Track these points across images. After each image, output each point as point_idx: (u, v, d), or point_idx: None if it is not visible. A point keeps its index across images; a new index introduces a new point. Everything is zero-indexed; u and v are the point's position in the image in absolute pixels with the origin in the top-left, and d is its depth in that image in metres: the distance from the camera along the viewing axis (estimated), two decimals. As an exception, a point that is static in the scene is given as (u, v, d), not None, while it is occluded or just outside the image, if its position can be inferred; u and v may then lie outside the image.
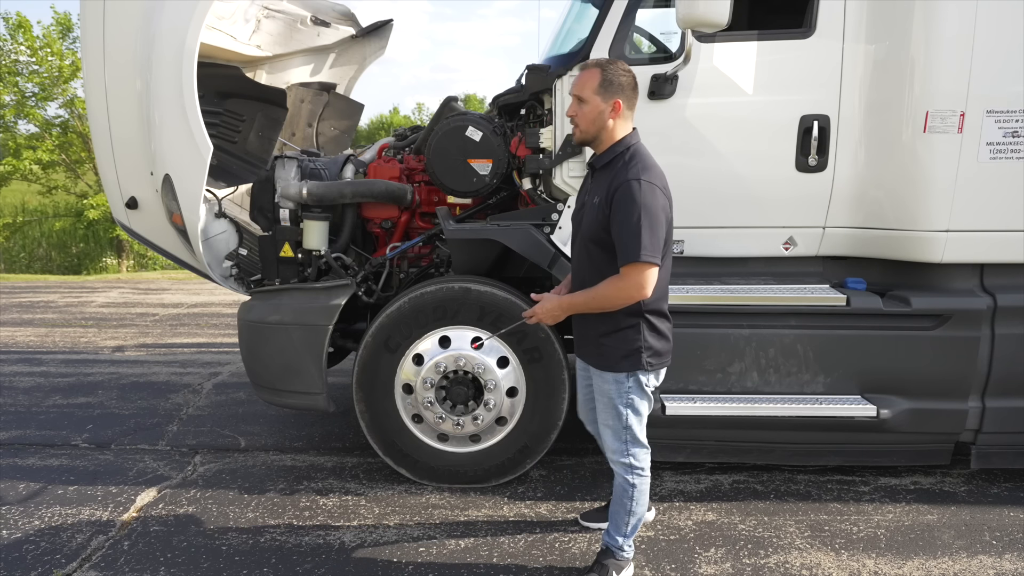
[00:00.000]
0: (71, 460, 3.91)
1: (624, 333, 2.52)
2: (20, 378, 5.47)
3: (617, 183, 2.40)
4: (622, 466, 2.68)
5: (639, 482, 2.68)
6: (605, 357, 2.57)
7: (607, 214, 2.41)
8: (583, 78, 2.48)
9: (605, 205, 2.42)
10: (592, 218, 2.49)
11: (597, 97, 2.45)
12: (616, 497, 2.74)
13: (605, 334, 2.54)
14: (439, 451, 3.53)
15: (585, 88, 2.46)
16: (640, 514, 2.73)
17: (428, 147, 3.62)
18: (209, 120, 3.59)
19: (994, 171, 3.16)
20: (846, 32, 3.19)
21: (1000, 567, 2.90)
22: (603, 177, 2.51)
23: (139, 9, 3.57)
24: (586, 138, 2.53)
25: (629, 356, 2.53)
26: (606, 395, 2.63)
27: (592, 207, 2.50)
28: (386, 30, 4.99)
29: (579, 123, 2.50)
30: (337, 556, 2.97)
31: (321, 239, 3.59)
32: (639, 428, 2.64)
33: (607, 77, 2.45)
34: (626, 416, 2.61)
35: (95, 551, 2.99)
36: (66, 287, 10.42)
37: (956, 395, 3.32)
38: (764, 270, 3.52)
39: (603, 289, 2.42)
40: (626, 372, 2.55)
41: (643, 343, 2.52)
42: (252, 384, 3.79)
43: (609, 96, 2.45)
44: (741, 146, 3.30)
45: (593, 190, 2.55)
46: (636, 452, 2.66)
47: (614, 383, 2.59)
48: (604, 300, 2.43)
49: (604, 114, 2.46)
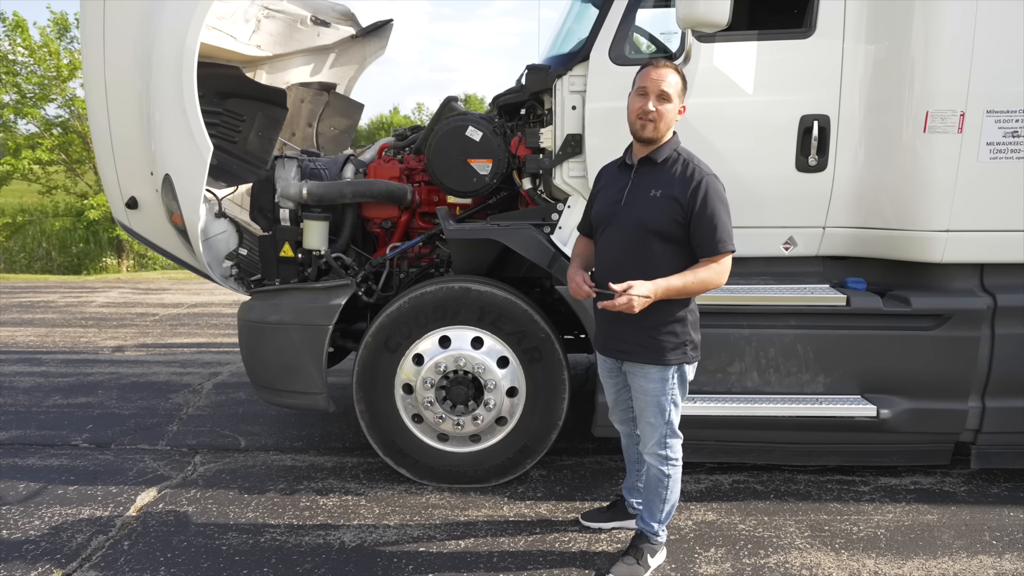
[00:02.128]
0: (71, 460, 3.91)
1: (674, 326, 2.57)
2: (20, 378, 5.47)
3: (697, 178, 2.48)
4: (658, 458, 2.72)
5: (674, 472, 2.74)
6: (654, 350, 2.58)
7: (683, 206, 2.47)
8: (669, 77, 2.50)
9: (680, 198, 2.48)
10: (658, 211, 2.51)
11: (678, 99, 2.53)
12: (650, 486, 2.79)
13: (654, 326, 2.56)
14: (439, 451, 3.53)
15: (673, 87, 2.50)
16: (674, 501, 2.79)
17: (428, 147, 3.62)
18: (209, 120, 3.59)
19: (994, 171, 3.16)
20: (846, 32, 3.19)
21: (1000, 567, 2.90)
22: (659, 172, 2.56)
23: (139, 9, 3.57)
24: (658, 135, 2.55)
25: (677, 348, 2.59)
26: (649, 393, 2.64)
27: (653, 200, 2.52)
28: (386, 30, 4.99)
29: (659, 121, 2.51)
30: (337, 556, 2.97)
31: (321, 239, 3.59)
32: (677, 420, 2.70)
33: (685, 82, 2.56)
34: (669, 412, 2.65)
35: (95, 551, 2.99)
36: (66, 287, 10.42)
37: (956, 395, 3.32)
38: (764, 270, 3.51)
39: (702, 274, 2.47)
40: (675, 365, 2.59)
41: (689, 336, 2.61)
42: (252, 384, 3.79)
43: (682, 99, 2.57)
44: (741, 146, 3.29)
45: (645, 184, 2.56)
46: (672, 443, 2.71)
47: (659, 380, 2.61)
48: (703, 285, 2.47)
49: (676, 115, 2.57)
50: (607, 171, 2.79)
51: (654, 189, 2.53)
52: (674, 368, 2.60)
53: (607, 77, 3.20)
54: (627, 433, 2.99)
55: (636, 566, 2.79)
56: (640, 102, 2.51)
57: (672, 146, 2.58)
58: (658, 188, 2.53)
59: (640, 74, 2.56)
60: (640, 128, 2.53)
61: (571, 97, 3.31)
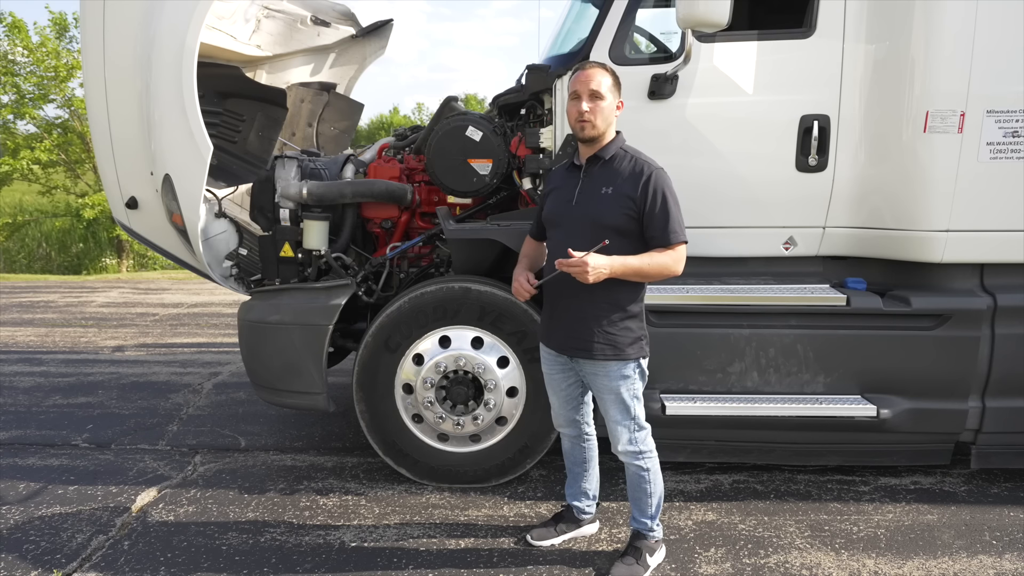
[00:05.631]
0: (71, 460, 3.91)
1: (629, 321, 2.63)
2: (20, 378, 5.47)
3: (646, 173, 2.54)
4: (631, 455, 2.74)
5: (651, 464, 2.76)
6: (614, 346, 2.61)
7: (635, 201, 2.53)
8: (598, 76, 2.56)
9: (631, 193, 2.53)
10: (611, 207, 2.56)
11: (611, 95, 2.58)
12: (633, 484, 2.81)
13: (613, 322, 2.60)
14: (439, 451, 3.53)
15: (602, 85, 2.55)
16: (660, 493, 2.81)
17: (428, 147, 3.62)
18: (209, 120, 3.59)
19: (994, 171, 3.16)
20: (846, 32, 3.19)
21: (1000, 567, 2.90)
22: (608, 170, 2.61)
23: (139, 9, 3.56)
24: (597, 134, 2.59)
25: (634, 343, 2.65)
26: (612, 391, 2.66)
27: (604, 197, 2.58)
28: (386, 30, 4.99)
29: (595, 119, 2.56)
30: (337, 556, 2.97)
31: (321, 239, 3.59)
32: (643, 413, 2.73)
33: (616, 78, 2.62)
34: (633, 407, 2.69)
35: (95, 551, 2.99)
36: (66, 287, 10.42)
37: (956, 395, 3.32)
38: (764, 270, 3.52)
39: (659, 258, 2.52)
40: (634, 359, 2.63)
41: (644, 330, 2.69)
42: (252, 384, 3.79)
43: (617, 95, 2.63)
44: (741, 146, 3.30)
45: (595, 182, 2.62)
46: (641, 437, 2.74)
47: (620, 377, 2.64)
48: (660, 268, 2.52)
49: (614, 111, 2.62)
50: (557, 173, 2.84)
51: (605, 187, 2.59)
52: (634, 363, 2.64)
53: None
54: (572, 435, 3.00)
55: (636, 566, 2.79)
56: (575, 106, 2.57)
57: (618, 144, 2.64)
58: (609, 185, 2.58)
59: (571, 79, 2.64)
60: (580, 130, 2.59)
61: (571, 97, 3.32)
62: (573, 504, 3.11)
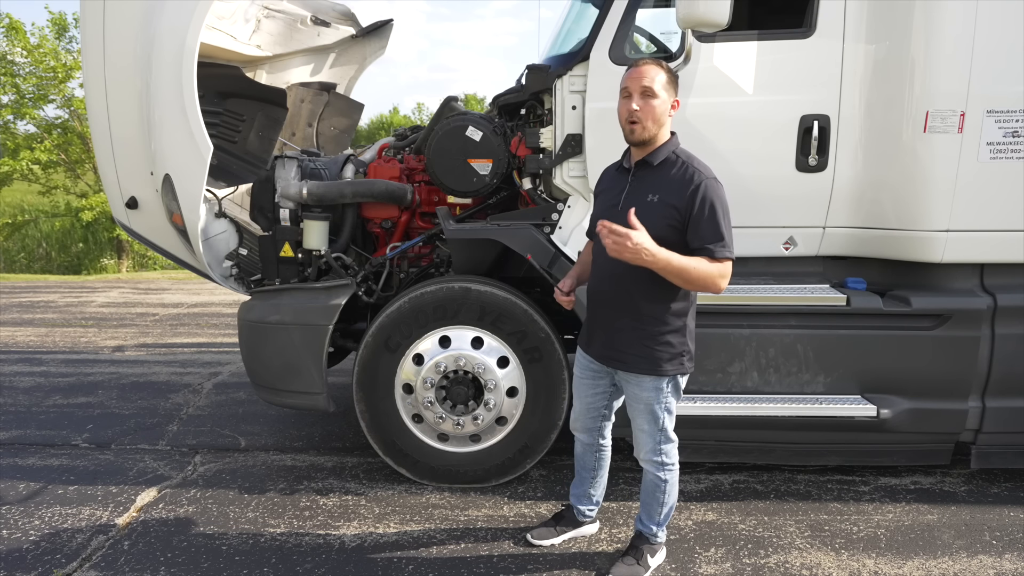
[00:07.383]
0: (71, 460, 3.91)
1: (672, 336, 2.51)
2: (20, 378, 5.46)
3: (696, 181, 2.37)
4: (654, 464, 2.71)
5: (670, 476, 2.72)
6: (651, 361, 2.52)
7: (680, 211, 2.38)
8: (650, 72, 2.39)
9: (677, 203, 2.38)
10: (654, 217, 2.38)
11: (665, 93, 2.41)
12: (647, 490, 2.78)
13: (653, 336, 2.51)
14: (439, 451, 3.53)
15: (656, 82, 2.38)
16: (672, 504, 2.78)
17: (428, 147, 3.62)
18: (209, 120, 3.59)
19: (994, 171, 3.16)
20: (846, 32, 3.19)
21: (1000, 567, 2.90)
22: (657, 176, 2.47)
23: (139, 9, 3.56)
24: (646, 136, 2.43)
25: (673, 359, 2.53)
26: (643, 401, 2.61)
27: (650, 205, 2.41)
28: (386, 30, 4.99)
29: (646, 119, 2.40)
30: (337, 556, 2.97)
31: (321, 239, 3.59)
32: (671, 426, 2.66)
33: (672, 74, 2.44)
34: (663, 419, 2.62)
35: (95, 551, 2.99)
36: (66, 287, 10.41)
37: (956, 395, 3.32)
38: (764, 270, 3.52)
39: (707, 267, 2.33)
40: (669, 376, 2.54)
41: (687, 346, 2.56)
42: (252, 384, 3.79)
43: (672, 94, 2.45)
44: (741, 146, 3.29)
45: (643, 188, 2.47)
46: (667, 449, 2.69)
47: (653, 389, 2.57)
48: (703, 278, 2.34)
49: (668, 111, 2.45)
50: (607, 174, 2.74)
51: (651, 194, 2.44)
52: (669, 378, 2.56)
53: (607, 77, 3.20)
54: (586, 442, 2.95)
55: (636, 566, 2.79)
56: (625, 104, 2.43)
57: (670, 148, 2.48)
58: (655, 192, 2.43)
59: (623, 77, 2.47)
60: (630, 132, 2.44)
61: (571, 97, 3.32)
62: (575, 506, 3.09)
